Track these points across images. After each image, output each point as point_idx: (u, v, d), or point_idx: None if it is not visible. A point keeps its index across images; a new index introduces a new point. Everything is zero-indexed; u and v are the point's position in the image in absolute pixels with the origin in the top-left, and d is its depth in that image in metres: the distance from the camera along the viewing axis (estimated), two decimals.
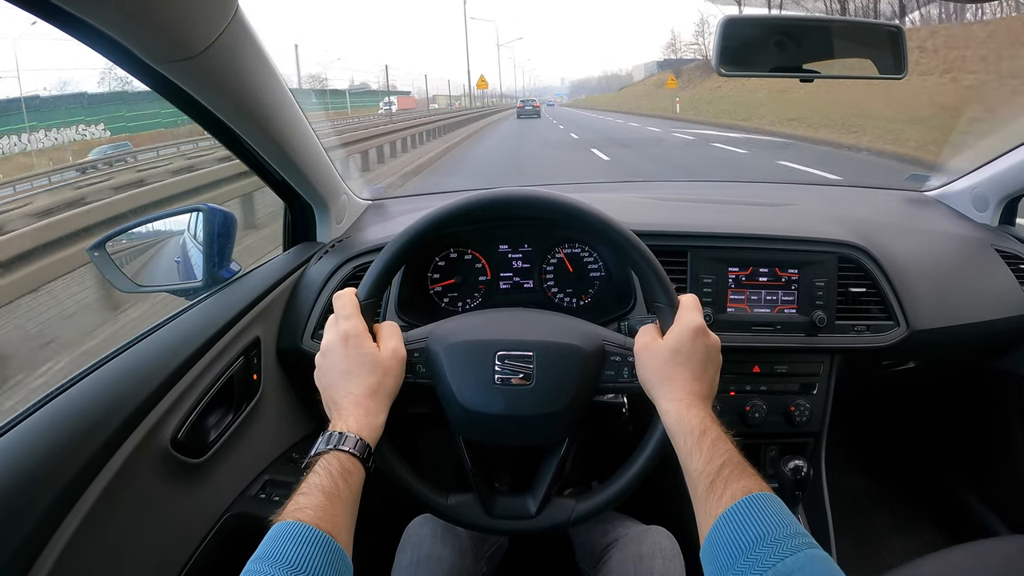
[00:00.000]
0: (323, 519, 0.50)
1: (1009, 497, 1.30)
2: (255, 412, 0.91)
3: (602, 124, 23.09)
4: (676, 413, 0.60)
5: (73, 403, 0.66)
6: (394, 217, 1.26)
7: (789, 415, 1.01)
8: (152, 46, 0.63)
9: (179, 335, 0.82)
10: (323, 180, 1.06)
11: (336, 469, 0.55)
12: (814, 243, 1.01)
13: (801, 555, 0.46)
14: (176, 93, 0.73)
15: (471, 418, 0.69)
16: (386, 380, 0.64)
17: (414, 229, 0.69)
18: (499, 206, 0.70)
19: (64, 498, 0.59)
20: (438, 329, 0.71)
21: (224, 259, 0.96)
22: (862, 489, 1.57)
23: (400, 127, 14.28)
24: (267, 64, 0.79)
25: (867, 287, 1.01)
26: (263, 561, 0.47)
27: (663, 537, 0.86)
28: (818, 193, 1.56)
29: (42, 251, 3.61)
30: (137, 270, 1.03)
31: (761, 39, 0.94)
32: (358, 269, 1.01)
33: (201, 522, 0.81)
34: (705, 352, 0.64)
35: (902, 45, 0.95)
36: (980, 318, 1.08)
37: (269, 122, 0.85)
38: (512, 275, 1.03)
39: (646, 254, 0.68)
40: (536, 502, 0.72)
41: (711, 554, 0.51)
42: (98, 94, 22.77)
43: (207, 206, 0.96)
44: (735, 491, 0.52)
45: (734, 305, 1.00)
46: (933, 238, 1.18)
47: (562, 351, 0.69)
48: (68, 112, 20.34)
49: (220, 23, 0.65)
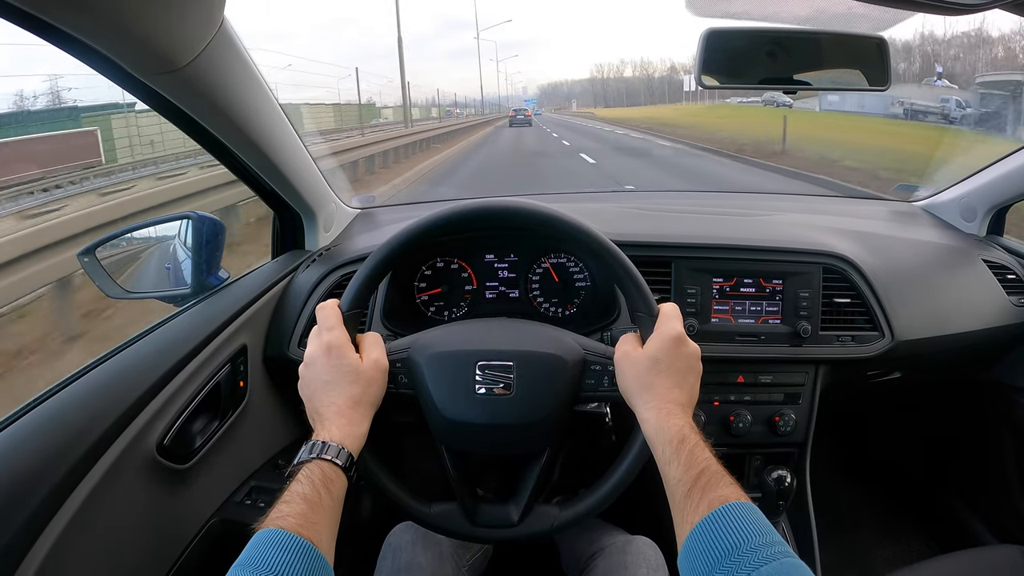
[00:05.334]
0: (304, 526, 0.51)
1: (996, 506, 1.30)
2: (241, 419, 0.91)
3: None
4: (655, 422, 0.61)
5: (59, 409, 0.67)
6: (382, 226, 1.27)
7: (773, 425, 1.02)
8: (139, 59, 0.64)
9: (166, 341, 0.83)
10: (311, 189, 1.07)
11: (318, 478, 0.56)
12: (798, 254, 1.02)
13: (776, 564, 0.46)
14: (164, 104, 0.74)
15: (453, 428, 0.69)
16: (369, 390, 0.64)
17: (395, 241, 0.70)
18: (479, 216, 0.71)
19: (49, 503, 0.60)
20: (420, 339, 0.72)
21: (212, 266, 0.97)
22: (848, 499, 1.56)
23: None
24: (253, 75, 0.80)
25: (852, 297, 1.02)
26: (245, 567, 0.48)
27: (647, 547, 0.86)
28: (804, 204, 1.56)
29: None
30: (127, 276, 1.04)
31: (749, 50, 0.94)
32: (345, 278, 1.02)
33: (187, 527, 0.82)
34: (685, 361, 0.64)
35: (886, 57, 0.95)
36: (966, 328, 1.08)
37: (256, 132, 0.86)
38: (498, 284, 1.04)
39: (625, 264, 0.69)
40: (518, 510, 0.72)
41: (688, 563, 0.51)
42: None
43: (196, 213, 0.97)
44: (712, 500, 0.52)
45: (718, 315, 1.01)
46: (920, 248, 1.18)
47: (542, 360, 0.69)
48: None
49: (205, 37, 0.66)
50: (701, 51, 0.85)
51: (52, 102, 14.19)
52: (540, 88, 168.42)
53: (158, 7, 0.58)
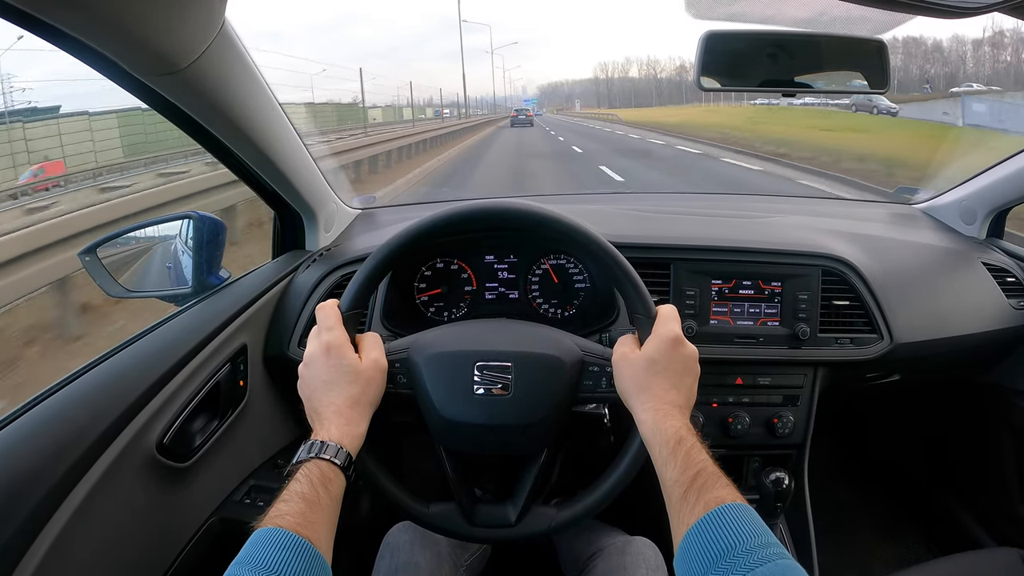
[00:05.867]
0: (303, 525, 0.51)
1: (995, 509, 1.30)
2: (241, 418, 0.91)
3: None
4: (652, 423, 0.61)
5: (60, 407, 0.67)
6: (383, 227, 1.27)
7: (772, 427, 1.02)
8: (139, 60, 0.65)
9: (166, 341, 0.83)
10: (311, 189, 1.08)
11: (316, 477, 0.56)
12: (797, 256, 1.02)
13: (772, 565, 0.46)
14: (165, 105, 0.74)
15: (451, 428, 0.70)
16: (368, 390, 0.65)
17: (394, 242, 0.70)
18: (480, 217, 0.71)
19: (49, 500, 0.60)
20: (419, 340, 0.72)
21: (213, 266, 0.97)
22: (846, 501, 1.56)
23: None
24: (254, 76, 0.80)
25: (850, 300, 1.02)
26: (243, 566, 0.48)
27: (647, 547, 0.87)
28: (804, 206, 1.56)
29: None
30: (128, 275, 1.04)
31: (749, 52, 0.94)
32: (345, 278, 1.02)
33: (186, 526, 0.82)
34: (682, 362, 0.64)
35: (885, 60, 0.95)
36: (966, 331, 1.08)
37: (257, 133, 0.86)
38: (498, 285, 1.04)
39: (623, 265, 0.69)
40: (516, 511, 0.73)
41: (684, 564, 0.51)
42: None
43: (197, 213, 0.98)
44: (708, 501, 0.52)
45: (717, 317, 1.01)
46: (919, 251, 1.18)
47: (541, 361, 0.69)
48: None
49: (206, 38, 0.66)
50: (700, 53, 0.85)
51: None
52: (540, 88, 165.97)
53: (159, 9, 0.58)
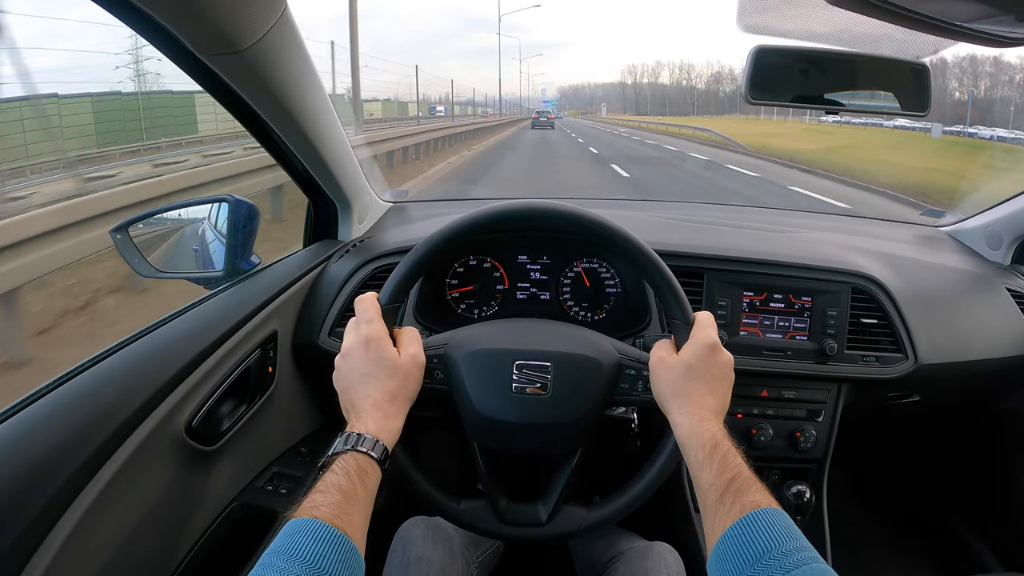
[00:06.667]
0: (339, 517, 0.51)
1: (1008, 536, 1.30)
2: (268, 404, 0.91)
3: None
4: (689, 427, 0.61)
5: (92, 383, 0.67)
6: (415, 221, 1.27)
7: (794, 440, 1.02)
8: (201, 38, 0.64)
9: (199, 324, 0.83)
10: (349, 180, 1.08)
11: (354, 469, 0.55)
12: (829, 272, 1.02)
13: (806, 568, 0.47)
14: (217, 85, 0.74)
15: (487, 425, 0.69)
16: (406, 385, 0.64)
17: (440, 236, 0.70)
18: (526, 217, 0.71)
19: (77, 478, 0.60)
20: (457, 336, 0.72)
21: (246, 251, 0.97)
22: (862, 518, 1.56)
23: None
24: (308, 64, 0.80)
25: (879, 319, 1.02)
26: (279, 555, 0.47)
27: (668, 553, 0.86)
28: (832, 222, 1.57)
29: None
30: (157, 255, 1.04)
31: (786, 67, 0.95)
32: (378, 271, 1.02)
33: (208, 509, 0.82)
34: (719, 368, 0.65)
35: (927, 83, 0.96)
36: (988, 355, 1.09)
37: (304, 120, 0.86)
38: (529, 286, 1.04)
39: (665, 272, 0.69)
40: (547, 510, 0.73)
41: (718, 565, 0.51)
42: None
43: (233, 197, 0.97)
44: (744, 504, 0.53)
45: (747, 329, 1.01)
46: (945, 273, 1.19)
47: (579, 362, 0.70)
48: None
49: (268, 21, 0.66)
50: (750, 67, 0.86)
51: None
52: (560, 90, 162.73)
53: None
